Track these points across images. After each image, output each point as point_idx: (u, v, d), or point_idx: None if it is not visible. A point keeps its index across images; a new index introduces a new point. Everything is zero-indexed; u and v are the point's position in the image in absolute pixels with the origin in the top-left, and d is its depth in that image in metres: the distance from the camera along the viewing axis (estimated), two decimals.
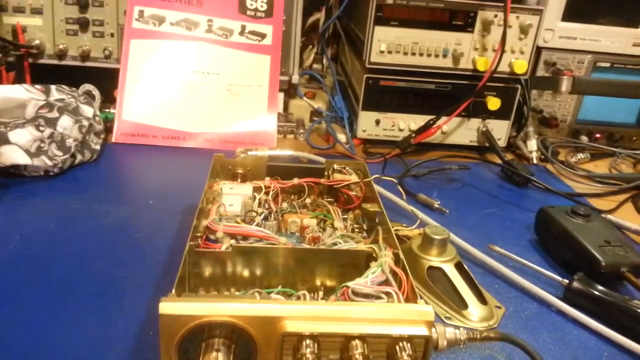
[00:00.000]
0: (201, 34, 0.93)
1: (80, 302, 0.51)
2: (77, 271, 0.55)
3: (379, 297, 0.45)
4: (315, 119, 1.03)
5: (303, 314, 0.40)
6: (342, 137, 0.96)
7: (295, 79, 1.00)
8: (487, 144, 0.95)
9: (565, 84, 0.88)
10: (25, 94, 0.76)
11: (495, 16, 0.87)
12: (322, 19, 1.16)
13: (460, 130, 0.96)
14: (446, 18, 0.87)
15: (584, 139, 1.04)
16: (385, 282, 0.46)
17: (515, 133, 0.99)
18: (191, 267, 0.49)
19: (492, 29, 0.88)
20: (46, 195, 0.69)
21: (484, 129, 0.95)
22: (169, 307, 0.39)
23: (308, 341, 0.39)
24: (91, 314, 0.49)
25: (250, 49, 0.94)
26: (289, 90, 1.04)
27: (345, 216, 0.62)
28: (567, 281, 0.57)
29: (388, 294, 0.45)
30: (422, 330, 0.41)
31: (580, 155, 0.99)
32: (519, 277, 0.59)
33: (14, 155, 0.69)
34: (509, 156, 0.96)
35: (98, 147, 0.81)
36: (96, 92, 0.93)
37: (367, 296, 0.45)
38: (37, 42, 0.94)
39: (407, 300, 0.45)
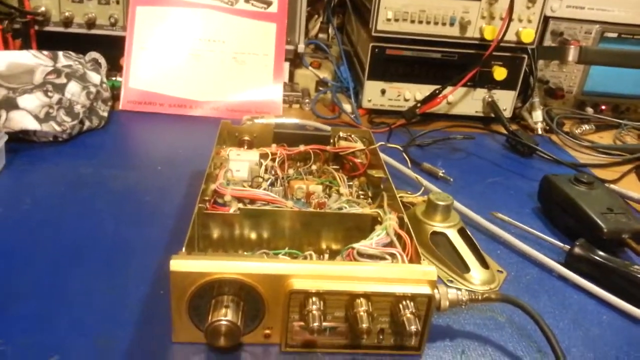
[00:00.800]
0: (207, 1, 0.92)
1: (91, 263, 0.52)
2: (87, 233, 0.56)
3: (383, 258, 0.46)
4: (320, 88, 1.03)
5: (309, 273, 0.41)
6: (347, 107, 0.96)
7: (301, 48, 1.00)
8: (493, 115, 0.95)
9: (572, 54, 0.88)
10: (33, 60, 0.76)
11: None
12: None
13: (465, 100, 0.96)
14: None
15: (590, 110, 1.04)
16: (390, 244, 0.48)
17: (521, 104, 0.99)
18: (200, 229, 0.50)
19: None
20: (55, 160, 0.70)
21: (490, 99, 0.95)
22: (179, 264, 0.40)
23: (314, 298, 0.41)
24: (101, 274, 0.51)
25: (256, 16, 0.93)
26: (295, 60, 1.03)
27: (351, 183, 0.63)
28: (569, 247, 0.58)
29: (392, 255, 0.46)
30: (425, 289, 0.42)
31: (585, 127, 0.99)
32: (521, 243, 0.60)
33: (24, 121, 0.70)
34: (514, 127, 0.96)
35: (106, 114, 0.81)
36: (102, 60, 0.93)
37: (372, 257, 0.46)
38: (42, 9, 0.93)
39: (410, 261, 0.46)
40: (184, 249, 0.42)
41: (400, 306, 0.41)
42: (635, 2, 0.97)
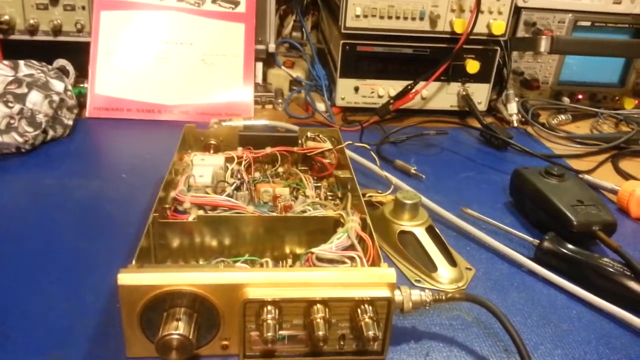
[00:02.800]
0: (172, 3, 0.91)
1: (48, 278, 0.51)
2: (47, 246, 0.55)
3: (343, 262, 0.45)
4: (294, 88, 1.02)
5: (264, 281, 0.40)
6: (321, 106, 0.95)
7: (272, 47, 0.99)
8: (467, 109, 0.94)
9: (544, 44, 0.87)
10: None
11: None
12: None
13: (440, 95, 0.95)
14: None
15: (566, 100, 1.03)
16: (351, 247, 0.46)
17: (496, 96, 0.98)
18: (157, 239, 0.49)
19: None
20: (18, 172, 0.69)
21: (464, 92, 0.94)
22: (128, 277, 0.39)
23: (270, 307, 0.40)
24: (58, 289, 0.49)
25: (223, 17, 0.92)
26: (267, 60, 1.02)
27: (319, 184, 0.62)
28: (538, 241, 0.57)
29: (352, 258, 0.45)
30: (384, 293, 0.41)
31: (562, 117, 0.98)
32: (490, 239, 0.59)
33: None
34: (489, 120, 0.95)
35: (70, 122, 0.80)
36: (70, 67, 0.91)
37: (331, 261, 0.45)
38: (6, 17, 0.91)
39: (372, 264, 0.45)
40: (134, 262, 0.41)
41: (359, 311, 0.40)
42: None
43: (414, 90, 0.90)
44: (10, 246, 0.55)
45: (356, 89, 0.94)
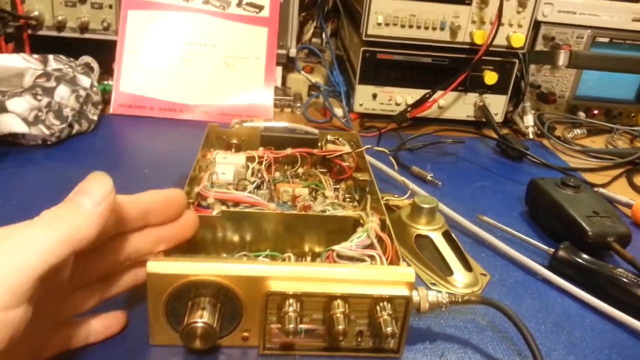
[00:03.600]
0: (198, 5, 0.93)
1: None
2: None
3: (362, 260, 0.46)
4: (312, 93, 1.03)
5: (287, 275, 0.41)
6: (339, 111, 0.96)
7: (293, 52, 1.00)
8: (484, 119, 0.95)
9: (562, 58, 0.88)
10: (23, 63, 0.77)
11: None
12: None
13: (457, 104, 0.96)
14: None
15: (582, 115, 1.04)
16: (371, 246, 0.47)
17: (513, 108, 0.99)
18: None
19: (490, 2, 0.87)
20: (43, 163, 0.70)
21: (481, 103, 0.95)
22: (156, 266, 0.40)
23: (291, 300, 0.41)
24: None
25: (247, 20, 0.94)
26: (287, 64, 1.04)
27: (337, 186, 0.63)
28: (553, 250, 0.57)
29: (372, 257, 0.46)
30: (403, 291, 0.42)
31: (577, 131, 0.99)
32: (506, 246, 0.59)
33: (12, 124, 0.70)
34: (505, 131, 0.96)
35: (95, 117, 0.82)
36: (95, 64, 0.93)
37: (351, 259, 0.46)
38: (35, 13, 0.94)
39: (390, 263, 0.46)
40: (161, 252, 0.42)
41: (378, 308, 0.41)
42: (626, 7, 0.97)
43: (431, 99, 0.91)
44: None
45: (374, 96, 0.95)
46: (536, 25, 0.97)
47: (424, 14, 0.88)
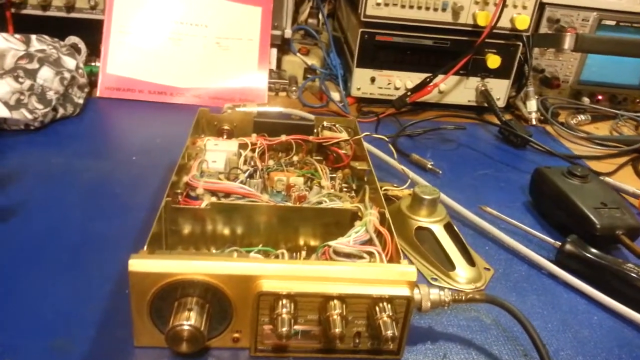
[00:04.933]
0: None
1: (57, 257, 0.49)
2: (55, 226, 0.54)
3: (361, 257, 0.43)
4: (308, 76, 1.00)
5: (280, 273, 0.39)
6: (335, 96, 0.93)
7: (288, 33, 0.97)
8: (486, 104, 0.92)
9: (568, 41, 0.85)
10: (4, 44, 0.73)
11: None
12: None
13: (458, 89, 0.93)
14: None
15: (586, 100, 1.01)
16: (369, 242, 0.45)
17: (515, 93, 0.96)
18: (169, 225, 0.47)
19: None
20: (26, 149, 0.67)
21: (483, 88, 0.92)
22: (139, 264, 0.37)
23: (285, 301, 0.38)
24: (64, 271, 0.48)
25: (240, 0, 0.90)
26: (282, 46, 1.00)
27: (334, 175, 0.60)
28: (560, 243, 0.55)
29: (371, 253, 0.43)
30: (404, 291, 0.39)
31: (581, 117, 0.96)
32: (509, 239, 0.57)
33: None
34: (507, 117, 0.93)
35: (81, 101, 0.78)
36: (82, 45, 0.89)
37: (349, 256, 0.43)
38: None
39: (390, 260, 0.43)
40: (145, 248, 0.39)
41: (377, 309, 0.39)
42: None
43: (432, 84, 0.87)
44: (17, 225, 0.53)
45: (372, 80, 0.91)
46: (541, 7, 0.93)
47: None
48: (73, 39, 0.89)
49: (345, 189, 0.58)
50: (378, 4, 0.84)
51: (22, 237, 0.52)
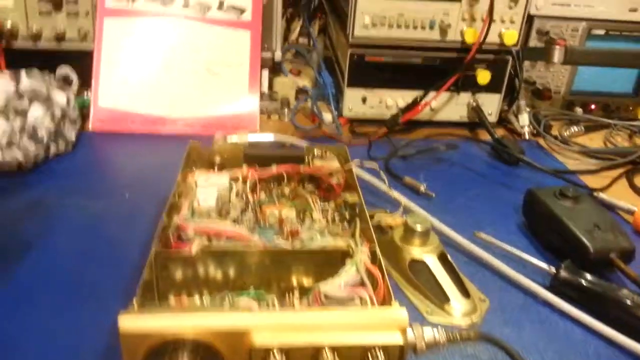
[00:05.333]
0: (178, 10, 0.88)
1: (48, 307, 0.49)
2: (46, 274, 0.53)
3: (352, 300, 0.43)
4: (300, 96, 1.00)
5: (271, 324, 0.39)
6: (328, 117, 0.93)
7: (278, 55, 0.97)
8: (478, 120, 0.92)
9: (557, 55, 0.85)
10: None
11: None
12: None
13: (449, 106, 0.93)
14: None
15: (579, 110, 1.01)
16: (361, 282, 0.45)
17: (507, 107, 0.96)
18: (160, 270, 0.47)
19: None
20: (19, 190, 0.67)
21: (474, 104, 0.92)
22: (129, 322, 0.37)
23: (277, 355, 0.38)
24: (54, 321, 0.48)
25: (229, 24, 0.90)
26: (274, 67, 1.00)
27: (327, 205, 0.60)
28: (554, 270, 0.55)
29: (362, 296, 0.43)
30: (396, 338, 0.39)
31: (574, 128, 0.96)
32: (504, 266, 0.57)
33: None
34: (500, 131, 0.93)
35: (73, 136, 0.78)
36: (73, 75, 0.89)
37: (339, 300, 0.43)
38: (9, 23, 0.90)
39: (382, 301, 0.43)
40: (135, 302, 0.39)
41: (370, 357, 0.39)
42: None
43: (423, 102, 0.87)
44: (9, 269, 0.53)
45: (364, 100, 0.91)
46: (529, 19, 0.93)
47: (413, 12, 0.84)
48: (64, 68, 0.89)
49: (338, 219, 0.58)
50: (366, 25, 0.84)
51: (15, 280, 0.52)
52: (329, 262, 0.48)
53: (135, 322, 0.37)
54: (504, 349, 0.43)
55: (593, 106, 1.01)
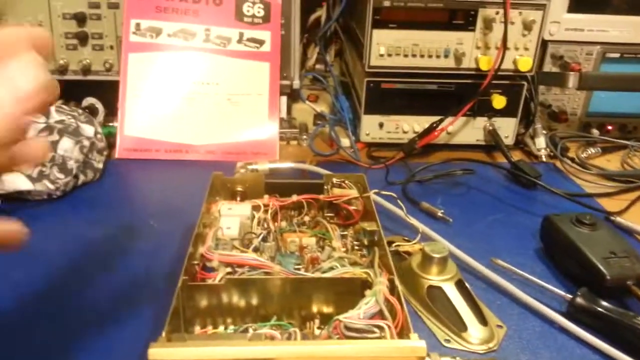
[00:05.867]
0: (199, 44, 0.92)
1: (76, 339, 0.51)
2: (74, 304, 0.56)
3: (371, 331, 0.44)
4: (318, 122, 1.02)
5: (293, 355, 0.40)
6: (345, 142, 0.95)
7: (297, 84, 0.99)
8: (494, 143, 0.93)
9: (572, 80, 0.86)
10: None
11: (497, 13, 0.84)
12: (323, 17, 1.14)
13: (466, 129, 0.94)
14: (446, 18, 0.85)
15: (595, 132, 1.01)
16: (380, 313, 0.46)
17: (524, 130, 0.97)
18: (186, 300, 0.49)
19: (494, 27, 0.85)
20: (49, 219, 0.70)
21: (491, 127, 0.93)
22: (158, 353, 0.39)
23: None
24: (87, 349, 0.50)
25: (249, 56, 0.93)
26: (292, 94, 1.02)
27: (346, 232, 0.62)
28: (571, 296, 0.56)
29: (381, 327, 0.44)
30: None
31: (591, 150, 0.96)
32: (521, 293, 0.58)
33: (16, 182, 0.70)
34: (517, 154, 0.94)
35: (101, 165, 0.81)
36: (99, 106, 0.93)
37: (359, 330, 0.44)
38: None
39: (401, 332, 0.44)
40: (163, 334, 0.41)
41: None
42: (636, 21, 0.94)
43: (439, 128, 0.89)
44: (35, 299, 0.56)
45: (381, 125, 0.93)
46: (543, 44, 0.95)
47: (427, 42, 0.86)
48: (90, 100, 0.93)
49: (357, 247, 0.60)
50: (381, 55, 0.87)
51: (44, 309, 0.54)
52: (348, 291, 0.50)
53: (164, 353, 0.39)
54: None
55: (610, 127, 1.02)
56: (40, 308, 0.55)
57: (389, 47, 0.86)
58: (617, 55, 0.96)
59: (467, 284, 0.57)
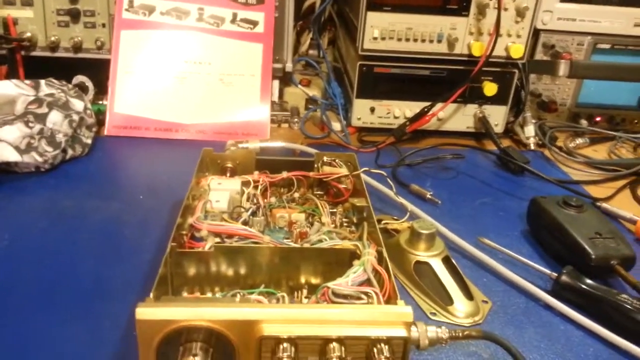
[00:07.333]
0: (192, 23, 0.91)
1: (67, 303, 0.51)
2: (64, 271, 0.55)
3: (359, 298, 0.45)
4: (310, 106, 1.02)
5: (280, 317, 0.40)
6: (336, 126, 0.95)
7: (289, 67, 0.99)
8: (484, 130, 0.93)
9: (562, 69, 0.86)
10: (14, 90, 0.76)
11: None
12: (317, 3, 1.14)
13: (456, 116, 0.95)
14: (440, 2, 0.85)
15: (584, 122, 1.02)
16: (367, 282, 0.46)
17: (513, 118, 0.97)
18: (174, 268, 0.49)
19: (488, 13, 0.86)
20: (37, 192, 0.69)
21: (481, 114, 0.93)
22: (145, 312, 0.39)
23: (285, 344, 0.39)
24: (75, 317, 0.50)
25: (242, 37, 0.92)
26: (284, 78, 1.02)
27: (335, 209, 0.62)
28: (556, 274, 0.56)
29: (368, 294, 0.45)
30: (400, 332, 0.41)
31: (579, 140, 0.97)
32: (507, 271, 0.58)
33: (4, 153, 0.69)
34: (506, 142, 0.95)
35: (89, 141, 0.81)
36: (89, 84, 0.92)
37: (347, 297, 0.45)
38: (28, 34, 0.93)
39: (388, 300, 0.45)
40: (151, 295, 0.41)
41: (375, 350, 0.40)
42: (628, 12, 0.95)
43: (430, 113, 0.89)
44: (28, 270, 0.55)
45: (372, 110, 0.94)
46: (535, 33, 0.95)
47: (421, 26, 0.87)
48: (81, 78, 0.92)
49: (345, 224, 0.60)
50: (375, 38, 0.87)
51: (34, 279, 0.54)
52: (337, 262, 0.50)
53: (151, 311, 0.39)
54: (504, 347, 0.44)
55: (598, 118, 1.03)
56: (28, 279, 0.54)
57: (383, 30, 0.86)
58: (608, 46, 0.97)
59: (453, 261, 0.58)
